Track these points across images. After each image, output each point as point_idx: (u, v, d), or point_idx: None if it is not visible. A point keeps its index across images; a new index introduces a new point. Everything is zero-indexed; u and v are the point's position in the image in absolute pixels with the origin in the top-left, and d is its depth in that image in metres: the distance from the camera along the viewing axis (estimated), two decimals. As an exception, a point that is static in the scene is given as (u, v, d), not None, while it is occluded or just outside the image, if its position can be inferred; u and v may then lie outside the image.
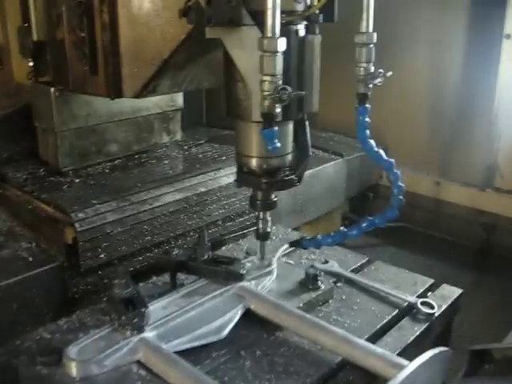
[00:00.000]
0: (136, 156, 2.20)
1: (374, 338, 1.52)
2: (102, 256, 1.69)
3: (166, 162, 2.17)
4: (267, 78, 1.25)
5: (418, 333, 1.55)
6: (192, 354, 1.42)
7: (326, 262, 1.89)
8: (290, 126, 1.52)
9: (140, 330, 1.39)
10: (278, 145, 1.30)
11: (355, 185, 3.05)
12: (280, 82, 1.26)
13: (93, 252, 1.67)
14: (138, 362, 1.35)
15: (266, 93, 1.25)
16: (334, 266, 1.86)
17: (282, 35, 1.27)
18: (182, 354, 1.39)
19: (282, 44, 1.25)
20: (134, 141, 2.21)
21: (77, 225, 1.64)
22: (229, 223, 2.06)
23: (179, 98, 2.32)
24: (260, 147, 1.47)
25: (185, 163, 2.18)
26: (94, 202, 1.75)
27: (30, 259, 1.67)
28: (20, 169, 2.01)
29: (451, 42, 2.91)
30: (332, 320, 1.58)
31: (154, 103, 2.24)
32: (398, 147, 3.19)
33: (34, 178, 1.99)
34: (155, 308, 1.49)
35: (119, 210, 1.74)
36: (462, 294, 1.78)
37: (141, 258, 1.80)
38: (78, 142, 2.04)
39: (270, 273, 1.71)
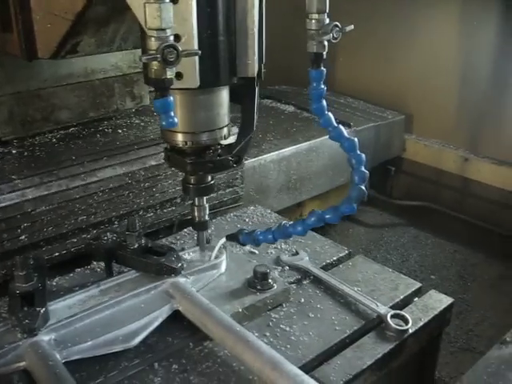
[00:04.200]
0: (95, 123, 1.92)
1: (323, 358, 1.25)
2: (23, 238, 1.48)
3: (121, 131, 1.89)
4: (152, 33, 0.96)
5: (380, 355, 1.26)
6: (99, 362, 1.20)
7: (296, 253, 1.61)
8: (223, 94, 1.22)
9: (31, 332, 1.17)
10: (176, 120, 1.02)
11: (368, 159, 2.69)
12: (171, 39, 0.96)
13: (10, 233, 1.46)
14: (25, 371, 1.14)
15: (151, 52, 0.96)
16: (302, 260, 1.58)
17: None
18: (87, 361, 1.18)
19: None
20: (89, 107, 1.93)
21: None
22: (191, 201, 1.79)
23: (144, 59, 2.01)
24: (183, 119, 1.19)
25: (143, 132, 1.89)
26: (14, 177, 1.52)
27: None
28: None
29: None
30: (278, 330, 1.32)
31: (111, 64, 1.95)
32: (423, 117, 2.87)
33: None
34: (61, 306, 1.26)
35: (43, 185, 1.51)
36: (452, 304, 1.45)
37: (75, 240, 1.57)
38: (18, 109, 1.78)
39: (215, 266, 1.45)
